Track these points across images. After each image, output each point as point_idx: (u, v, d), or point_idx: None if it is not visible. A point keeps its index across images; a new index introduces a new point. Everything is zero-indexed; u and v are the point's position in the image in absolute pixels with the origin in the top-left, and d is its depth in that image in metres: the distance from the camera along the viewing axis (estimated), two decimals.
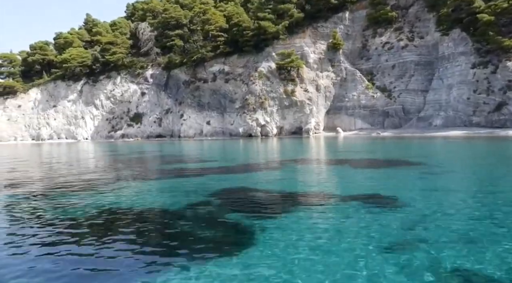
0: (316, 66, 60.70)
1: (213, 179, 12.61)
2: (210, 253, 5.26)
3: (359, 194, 8.99)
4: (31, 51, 76.24)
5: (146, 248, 5.58)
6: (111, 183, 12.10)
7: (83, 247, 5.71)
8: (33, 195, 10.23)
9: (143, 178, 13.32)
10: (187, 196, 9.56)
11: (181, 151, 31.49)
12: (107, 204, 8.66)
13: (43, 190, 11.19)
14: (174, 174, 14.11)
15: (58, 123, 71.82)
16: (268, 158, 21.27)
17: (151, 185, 11.59)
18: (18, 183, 12.84)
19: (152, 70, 71.84)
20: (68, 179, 13.46)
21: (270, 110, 58.74)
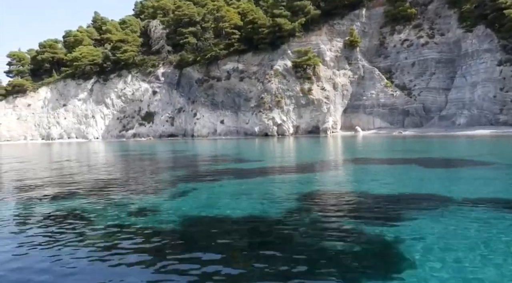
0: (333, 64, 59.54)
1: (280, 181, 11.50)
2: (361, 273, 4.21)
3: (470, 197, 7.91)
4: (40, 49, 75.21)
5: (271, 268, 4.47)
6: (169, 187, 10.95)
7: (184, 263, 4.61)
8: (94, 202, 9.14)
9: (201, 180, 12.19)
10: (271, 200, 8.38)
11: (211, 150, 30.36)
12: (185, 211, 7.55)
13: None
14: (231, 175, 12.98)
15: (68, 123, 70.79)
16: (318, 157, 20.12)
17: (217, 188, 10.46)
18: (33, 186, 11.75)
19: (164, 68, 70.76)
20: (114, 182, 12.36)
21: (287, 109, 57.61)
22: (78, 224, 6.73)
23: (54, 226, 6.65)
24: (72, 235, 6.07)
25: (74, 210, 7.87)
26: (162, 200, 8.75)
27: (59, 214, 7.61)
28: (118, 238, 5.83)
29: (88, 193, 9.96)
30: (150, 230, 6.23)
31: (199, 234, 6.12)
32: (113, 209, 7.81)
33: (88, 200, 8.89)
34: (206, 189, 10.26)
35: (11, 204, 8.92)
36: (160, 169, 16.51)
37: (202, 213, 7.36)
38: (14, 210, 8.32)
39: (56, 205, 8.48)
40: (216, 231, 6.19)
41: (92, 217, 7.24)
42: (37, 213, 7.81)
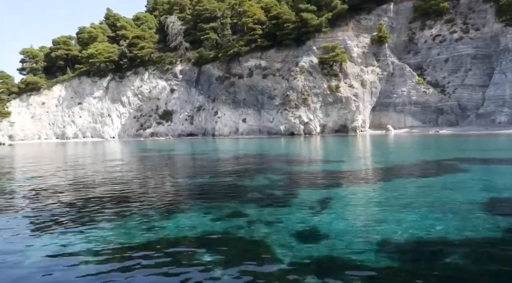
0: (360, 61, 57.49)
1: (421, 185, 9.42)
2: None
3: None
4: (54, 46, 73.19)
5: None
6: (294, 196, 8.89)
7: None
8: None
9: (321, 187, 10.13)
10: (453, 212, 6.32)
11: (263, 150, 28.27)
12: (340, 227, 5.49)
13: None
14: (344, 181, 10.90)
15: (83, 121, 68.79)
16: (406, 157, 18.08)
17: (352, 196, 8.41)
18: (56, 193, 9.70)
19: (181, 65, 68.77)
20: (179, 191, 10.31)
21: (313, 107, 55.55)
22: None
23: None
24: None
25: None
26: (306, 213, 6.67)
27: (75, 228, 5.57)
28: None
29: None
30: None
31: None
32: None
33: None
34: (340, 199, 8.19)
35: (23, 211, 7.70)
36: (251, 171, 14.44)
37: (359, 234, 5.25)
38: (26, 216, 7.13)
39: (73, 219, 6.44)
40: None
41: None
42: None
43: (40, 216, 7.06)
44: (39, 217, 6.94)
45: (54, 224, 6.44)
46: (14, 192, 10.41)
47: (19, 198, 9.51)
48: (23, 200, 9.09)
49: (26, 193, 10.04)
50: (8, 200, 9.12)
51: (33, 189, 10.72)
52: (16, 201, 9.03)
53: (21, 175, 15.39)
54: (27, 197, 9.50)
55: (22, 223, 6.65)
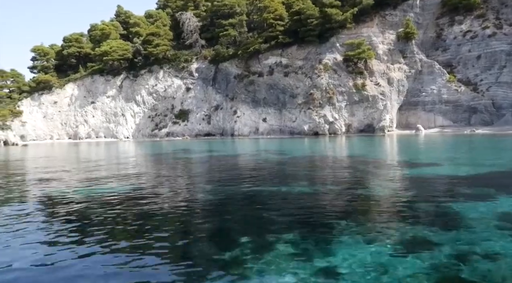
0: (386, 58, 55.43)
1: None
2: None
3: None
4: (65, 43, 71.12)
5: None
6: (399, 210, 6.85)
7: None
8: None
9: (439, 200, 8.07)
10: None
11: (312, 151, 26.21)
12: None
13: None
14: (484, 190, 8.84)
15: (96, 121, 66.72)
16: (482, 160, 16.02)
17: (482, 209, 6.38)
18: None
19: (197, 63, 66.68)
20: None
21: (339, 106, 53.50)
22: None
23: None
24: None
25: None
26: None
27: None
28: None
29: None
30: None
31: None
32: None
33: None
34: (469, 212, 6.15)
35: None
36: (360, 179, 12.35)
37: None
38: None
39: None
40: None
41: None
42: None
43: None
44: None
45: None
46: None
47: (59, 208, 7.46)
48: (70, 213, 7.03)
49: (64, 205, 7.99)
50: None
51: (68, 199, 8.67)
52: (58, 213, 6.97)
53: (56, 183, 13.33)
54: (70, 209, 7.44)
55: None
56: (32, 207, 8.39)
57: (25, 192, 10.99)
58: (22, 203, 9.22)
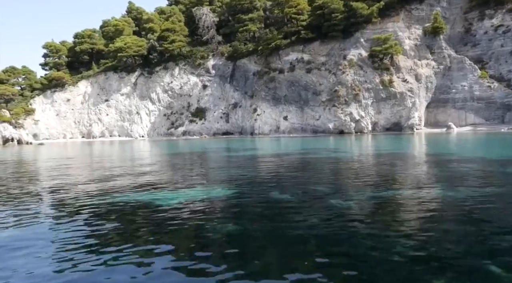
0: (413, 53, 53.51)
1: None
2: None
3: None
4: (78, 39, 69.26)
5: None
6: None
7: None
8: None
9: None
10: None
11: (363, 149, 24.36)
12: None
13: None
14: None
15: (110, 119, 64.90)
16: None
17: None
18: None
19: (214, 60, 64.83)
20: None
21: (365, 103, 51.61)
22: None
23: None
24: None
25: None
26: None
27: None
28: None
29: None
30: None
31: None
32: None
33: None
34: None
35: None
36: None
37: None
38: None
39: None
40: None
41: None
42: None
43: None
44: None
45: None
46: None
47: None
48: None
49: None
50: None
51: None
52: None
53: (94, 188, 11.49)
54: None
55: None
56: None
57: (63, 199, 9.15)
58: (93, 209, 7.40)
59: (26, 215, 7.30)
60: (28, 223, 6.66)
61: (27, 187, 11.28)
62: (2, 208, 8.24)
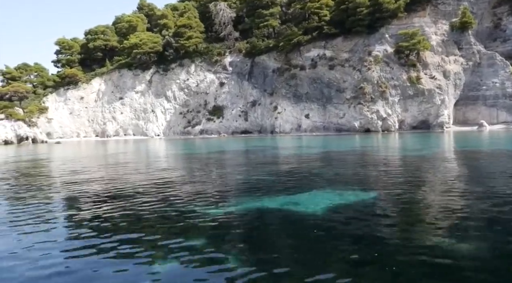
0: (441, 49, 51.90)
1: None
2: None
3: None
4: (91, 36, 67.53)
5: None
6: None
7: None
8: None
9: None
10: None
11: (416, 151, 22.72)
12: None
13: None
14: None
15: (125, 118, 63.21)
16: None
17: None
18: None
19: (231, 57, 63.13)
20: None
21: (392, 101, 49.98)
22: None
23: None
24: None
25: None
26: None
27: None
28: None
29: None
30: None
31: None
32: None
33: None
34: None
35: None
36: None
37: None
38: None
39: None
40: None
41: None
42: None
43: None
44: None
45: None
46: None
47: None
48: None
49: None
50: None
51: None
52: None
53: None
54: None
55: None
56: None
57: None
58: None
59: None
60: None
61: (88, 190, 9.67)
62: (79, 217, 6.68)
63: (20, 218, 6.82)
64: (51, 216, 6.99)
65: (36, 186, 10.93)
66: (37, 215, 6.95)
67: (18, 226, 6.30)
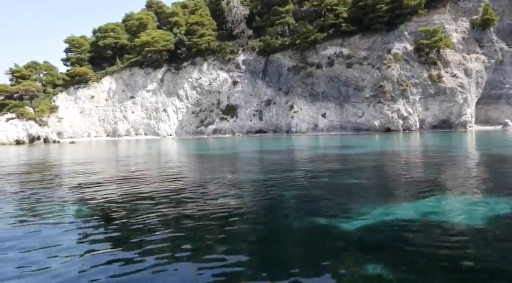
0: (462, 47, 50.83)
1: None
2: None
3: None
4: (100, 34, 66.34)
5: None
6: None
7: None
8: None
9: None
10: None
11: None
12: None
13: None
14: None
15: (136, 117, 62.03)
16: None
17: None
18: None
19: (244, 55, 61.99)
20: None
21: (413, 99, 48.87)
22: None
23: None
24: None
25: None
26: None
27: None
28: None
29: None
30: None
31: None
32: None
33: None
34: None
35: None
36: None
37: None
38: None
39: None
40: None
41: None
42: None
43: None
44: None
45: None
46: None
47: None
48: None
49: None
50: None
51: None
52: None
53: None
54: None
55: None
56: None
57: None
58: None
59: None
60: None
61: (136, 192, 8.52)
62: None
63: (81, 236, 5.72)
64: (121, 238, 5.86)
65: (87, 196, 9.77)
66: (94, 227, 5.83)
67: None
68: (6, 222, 6.44)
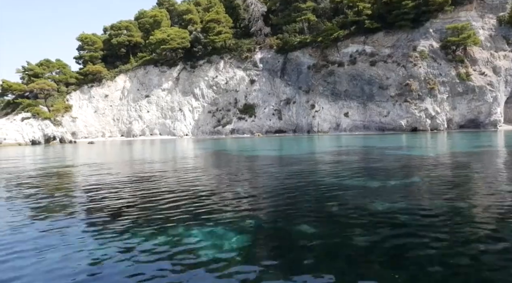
0: (489, 45, 49.57)
1: None
2: None
3: None
4: (113, 31, 64.82)
5: None
6: None
7: None
8: None
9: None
10: None
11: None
12: None
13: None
14: None
15: (151, 117, 60.59)
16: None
17: None
18: None
19: (262, 53, 60.64)
20: None
21: (440, 98, 47.57)
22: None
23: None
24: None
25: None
26: None
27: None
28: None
29: None
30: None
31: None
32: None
33: None
34: None
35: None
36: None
37: None
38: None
39: None
40: None
41: None
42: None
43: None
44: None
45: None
46: None
47: None
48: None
49: None
50: None
51: None
52: None
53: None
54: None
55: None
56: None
57: None
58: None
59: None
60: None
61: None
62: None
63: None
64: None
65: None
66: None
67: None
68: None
